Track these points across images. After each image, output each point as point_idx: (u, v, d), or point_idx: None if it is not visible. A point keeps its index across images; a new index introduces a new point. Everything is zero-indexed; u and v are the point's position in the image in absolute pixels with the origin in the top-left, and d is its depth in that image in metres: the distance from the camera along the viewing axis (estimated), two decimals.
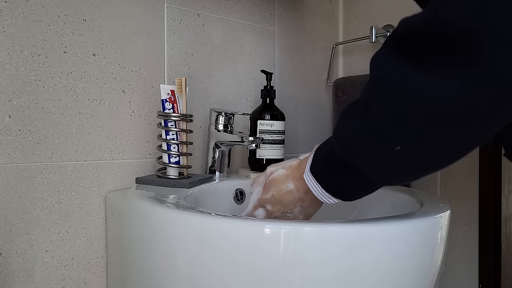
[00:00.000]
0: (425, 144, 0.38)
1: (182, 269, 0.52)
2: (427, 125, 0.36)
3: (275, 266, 0.46)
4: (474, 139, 0.38)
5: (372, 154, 0.42)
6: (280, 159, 0.87)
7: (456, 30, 0.32)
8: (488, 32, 0.30)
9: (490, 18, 0.30)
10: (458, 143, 0.38)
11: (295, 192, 0.54)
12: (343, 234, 0.46)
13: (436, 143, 0.38)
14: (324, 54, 1.12)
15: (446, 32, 0.33)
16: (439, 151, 0.39)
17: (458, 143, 0.38)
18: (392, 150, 0.39)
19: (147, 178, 0.73)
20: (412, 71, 0.35)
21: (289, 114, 1.01)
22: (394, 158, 0.40)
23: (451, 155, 0.40)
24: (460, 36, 0.32)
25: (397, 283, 0.48)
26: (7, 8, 0.64)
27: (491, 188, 0.84)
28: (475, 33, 0.31)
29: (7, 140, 0.64)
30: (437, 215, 0.52)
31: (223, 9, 0.91)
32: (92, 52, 0.72)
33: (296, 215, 0.56)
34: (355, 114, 0.43)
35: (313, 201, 0.53)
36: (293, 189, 0.54)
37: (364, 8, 1.09)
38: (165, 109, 0.73)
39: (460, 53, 0.32)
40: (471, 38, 0.31)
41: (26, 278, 0.66)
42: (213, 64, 0.90)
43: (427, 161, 0.41)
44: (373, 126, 0.40)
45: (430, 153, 0.39)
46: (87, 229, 0.73)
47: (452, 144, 0.38)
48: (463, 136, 0.37)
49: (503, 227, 0.83)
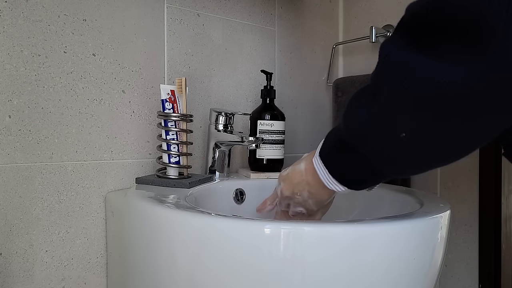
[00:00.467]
0: (430, 132, 0.37)
1: (182, 269, 0.52)
2: (434, 111, 0.36)
3: (275, 266, 0.46)
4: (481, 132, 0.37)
5: (378, 140, 0.42)
6: (280, 159, 0.87)
7: (465, 14, 0.31)
8: (497, 16, 0.30)
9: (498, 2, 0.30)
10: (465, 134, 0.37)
11: (303, 173, 0.54)
12: (343, 234, 0.46)
13: (442, 133, 0.37)
14: (324, 54, 1.12)
15: (455, 16, 0.32)
16: (445, 143, 0.38)
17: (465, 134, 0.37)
18: (397, 137, 0.39)
19: (147, 178, 0.73)
20: (419, 55, 0.35)
21: (289, 114, 1.01)
22: (399, 145, 0.40)
23: (456, 148, 0.39)
24: (469, 20, 0.31)
25: (397, 283, 0.48)
26: (7, 8, 0.64)
27: (491, 188, 0.84)
28: (485, 17, 0.30)
29: (7, 140, 0.64)
30: (437, 215, 0.52)
31: (223, 9, 0.91)
32: (92, 52, 0.72)
33: (306, 199, 0.55)
34: (363, 101, 0.43)
35: (319, 186, 0.52)
36: (302, 170, 0.54)
37: (364, 8, 1.09)
38: (165, 109, 0.73)
39: (470, 38, 0.32)
40: (480, 22, 0.31)
41: (26, 278, 0.66)
42: (213, 64, 0.90)
43: (431, 152, 0.40)
44: (380, 111, 0.40)
45: (435, 144, 0.39)
46: (87, 229, 0.73)
47: (459, 136, 0.37)
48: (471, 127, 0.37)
49: (503, 227, 0.83)
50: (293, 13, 1.05)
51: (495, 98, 0.34)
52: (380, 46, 0.39)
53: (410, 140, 0.39)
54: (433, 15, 0.34)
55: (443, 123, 0.36)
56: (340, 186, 0.50)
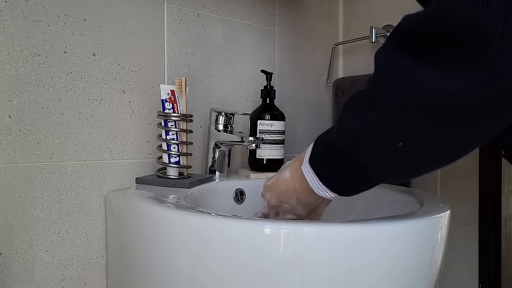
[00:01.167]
0: (428, 141, 0.38)
1: (182, 269, 0.52)
2: (432, 121, 0.36)
3: (275, 266, 0.46)
4: (477, 139, 0.38)
5: (374, 149, 0.42)
6: (280, 159, 0.87)
7: (462, 26, 0.32)
8: (495, 27, 0.30)
9: (495, 14, 0.30)
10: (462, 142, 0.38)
11: (289, 181, 0.53)
12: (343, 234, 0.46)
13: (440, 141, 0.37)
14: (324, 54, 1.12)
15: (452, 29, 0.32)
16: (441, 150, 0.39)
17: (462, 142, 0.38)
18: (394, 146, 0.39)
19: (147, 178, 0.73)
20: (417, 65, 0.35)
21: (289, 114, 1.01)
22: (396, 154, 0.40)
23: (453, 154, 0.40)
24: (467, 31, 0.32)
25: (397, 283, 0.48)
26: (7, 8, 0.64)
27: (491, 188, 0.84)
28: (482, 28, 0.31)
29: (7, 140, 0.64)
30: (437, 215, 0.52)
31: (223, 9, 0.91)
32: (92, 52, 0.72)
33: (294, 206, 0.55)
34: (359, 106, 0.42)
35: (308, 193, 0.51)
36: (287, 177, 0.53)
37: (364, 8, 1.09)
38: (165, 109, 0.73)
39: (468, 49, 0.32)
40: (478, 33, 0.31)
41: (26, 278, 0.66)
42: (213, 64, 0.90)
43: (427, 159, 0.40)
44: (377, 119, 0.39)
45: (431, 152, 0.39)
46: (87, 229, 0.73)
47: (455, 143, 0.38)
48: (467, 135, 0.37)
49: (503, 227, 0.83)
50: (293, 13, 1.05)
51: (492, 108, 0.34)
52: (375, 55, 0.39)
53: (407, 149, 0.39)
54: (432, 29, 0.34)
55: (441, 133, 0.37)
56: (330, 193, 0.49)
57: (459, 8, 0.32)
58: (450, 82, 0.33)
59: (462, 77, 0.33)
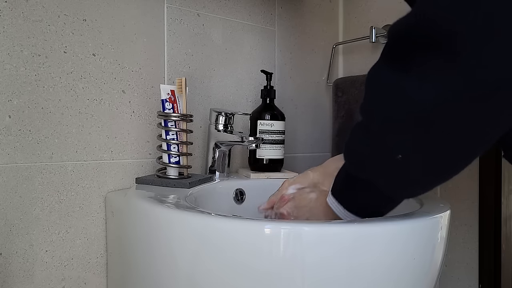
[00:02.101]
0: (424, 149, 0.38)
1: (182, 269, 0.52)
2: (418, 129, 0.36)
3: (275, 266, 0.46)
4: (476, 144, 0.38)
5: (378, 166, 0.42)
6: (280, 159, 0.87)
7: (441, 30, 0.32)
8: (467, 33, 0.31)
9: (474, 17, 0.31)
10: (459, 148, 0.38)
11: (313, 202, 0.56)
12: (343, 234, 0.46)
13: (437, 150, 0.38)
14: (324, 54, 1.12)
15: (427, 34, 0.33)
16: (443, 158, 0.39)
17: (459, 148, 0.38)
18: (394, 159, 0.39)
19: (147, 178, 0.73)
20: (396, 74, 0.36)
21: (289, 114, 1.01)
22: (398, 167, 0.40)
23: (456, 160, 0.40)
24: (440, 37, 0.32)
25: (397, 283, 0.48)
26: (7, 8, 0.64)
27: (491, 188, 0.84)
28: (460, 33, 0.31)
29: (7, 140, 0.64)
30: (437, 215, 0.52)
31: (223, 9, 0.91)
32: (92, 52, 0.72)
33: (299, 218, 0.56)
34: (359, 134, 0.44)
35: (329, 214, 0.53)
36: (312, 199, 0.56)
37: (364, 8, 1.09)
38: (165, 109, 0.73)
39: (445, 55, 0.33)
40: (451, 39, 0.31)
41: (26, 278, 0.66)
42: (213, 64, 0.90)
43: (430, 169, 0.40)
44: (374, 139, 0.41)
45: (430, 160, 0.39)
46: (87, 229, 0.73)
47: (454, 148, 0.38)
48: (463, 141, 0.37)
49: (503, 227, 0.83)
50: (293, 13, 1.05)
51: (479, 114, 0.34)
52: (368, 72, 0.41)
53: (407, 160, 0.39)
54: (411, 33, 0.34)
55: (435, 140, 0.37)
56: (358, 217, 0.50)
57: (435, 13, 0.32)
58: (425, 89, 0.34)
59: (435, 84, 0.34)
